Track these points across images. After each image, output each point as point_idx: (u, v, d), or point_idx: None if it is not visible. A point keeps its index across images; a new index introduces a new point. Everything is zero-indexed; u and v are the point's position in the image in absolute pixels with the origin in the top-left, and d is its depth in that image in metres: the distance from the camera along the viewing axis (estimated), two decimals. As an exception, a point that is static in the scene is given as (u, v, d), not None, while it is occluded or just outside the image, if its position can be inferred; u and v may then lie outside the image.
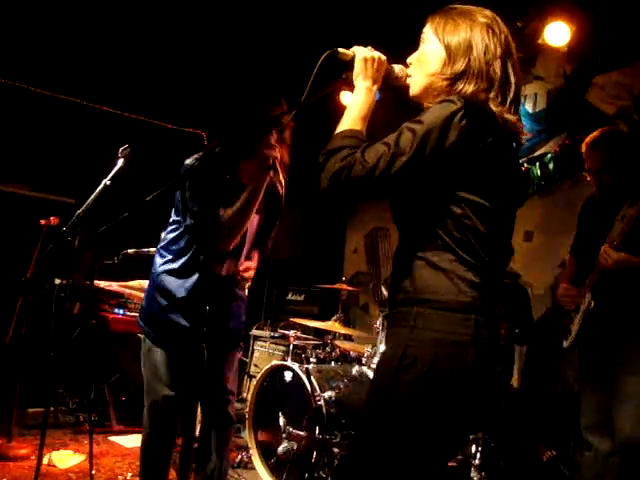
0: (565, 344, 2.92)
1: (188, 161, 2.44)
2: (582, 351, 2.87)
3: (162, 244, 2.59)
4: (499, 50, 1.54)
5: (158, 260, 2.57)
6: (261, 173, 2.34)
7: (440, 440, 1.44)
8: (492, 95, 1.50)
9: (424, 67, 1.63)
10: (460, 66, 1.53)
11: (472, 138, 1.43)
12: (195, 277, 2.46)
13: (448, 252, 1.45)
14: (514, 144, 1.57)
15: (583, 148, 2.99)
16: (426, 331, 1.41)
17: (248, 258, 2.68)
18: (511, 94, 1.53)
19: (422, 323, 1.43)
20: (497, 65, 1.53)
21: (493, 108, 1.48)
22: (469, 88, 1.50)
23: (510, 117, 1.50)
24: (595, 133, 2.97)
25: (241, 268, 2.59)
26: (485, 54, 1.53)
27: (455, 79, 1.53)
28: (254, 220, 2.58)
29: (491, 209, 1.48)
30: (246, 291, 4.20)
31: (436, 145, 1.41)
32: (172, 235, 2.54)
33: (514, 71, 1.56)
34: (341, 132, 1.53)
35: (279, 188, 2.68)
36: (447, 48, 1.56)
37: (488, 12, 1.62)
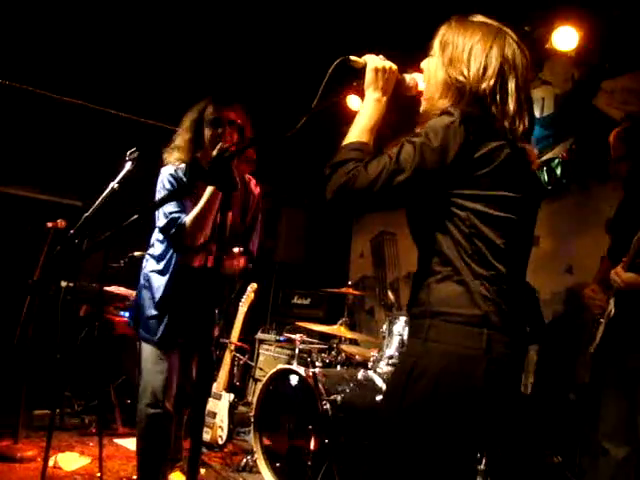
0: (590, 349, 2.88)
1: (169, 170, 2.76)
2: (605, 358, 2.83)
3: (149, 249, 2.88)
4: (498, 78, 1.51)
5: (145, 263, 2.87)
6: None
7: (446, 451, 1.42)
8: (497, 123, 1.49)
9: (427, 86, 1.65)
10: (454, 99, 1.53)
11: (472, 146, 1.43)
12: (171, 270, 2.75)
13: (460, 265, 1.45)
14: (523, 164, 1.54)
15: (610, 138, 2.96)
16: (437, 344, 1.42)
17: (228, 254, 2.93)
18: (510, 118, 1.49)
19: (434, 335, 1.43)
20: (495, 94, 1.50)
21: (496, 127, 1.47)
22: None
23: (519, 142, 1.49)
24: (624, 124, 2.94)
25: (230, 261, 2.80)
26: (479, 84, 1.51)
27: (449, 107, 1.51)
28: (228, 216, 2.73)
29: (503, 218, 1.47)
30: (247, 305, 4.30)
31: (437, 157, 1.41)
32: (156, 238, 2.83)
33: (514, 97, 1.51)
34: (348, 144, 1.54)
35: (252, 187, 2.91)
36: (446, 77, 1.56)
37: (499, 31, 1.59)
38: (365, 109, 1.61)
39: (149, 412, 2.75)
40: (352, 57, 1.65)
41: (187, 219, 2.65)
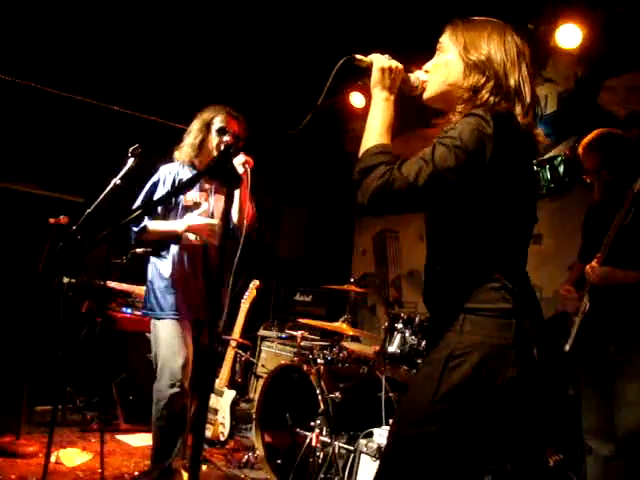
0: (566, 347, 2.91)
1: (169, 168, 3.10)
2: (582, 355, 2.86)
3: None
4: (516, 63, 1.58)
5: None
6: None
7: (479, 438, 1.49)
8: (514, 107, 1.55)
9: (443, 76, 1.65)
10: (479, 79, 1.57)
11: (504, 151, 1.46)
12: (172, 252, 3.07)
13: (487, 262, 1.52)
14: (533, 153, 1.63)
15: (579, 150, 2.99)
16: (473, 335, 1.48)
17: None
18: (526, 105, 1.56)
19: (469, 328, 1.49)
20: (514, 77, 1.57)
21: (518, 119, 1.53)
22: (490, 100, 1.54)
23: (531, 129, 1.55)
24: (590, 135, 2.96)
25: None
26: (503, 68, 1.57)
27: (475, 91, 1.57)
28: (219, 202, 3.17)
29: (520, 216, 1.56)
30: (252, 296, 4.34)
31: (471, 160, 1.44)
32: None
33: (528, 82, 1.58)
34: (372, 148, 1.54)
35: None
36: (466, 60, 1.59)
37: (505, 25, 1.64)
38: (376, 110, 1.61)
39: (169, 392, 2.89)
40: (358, 56, 1.64)
41: (150, 226, 3.00)
